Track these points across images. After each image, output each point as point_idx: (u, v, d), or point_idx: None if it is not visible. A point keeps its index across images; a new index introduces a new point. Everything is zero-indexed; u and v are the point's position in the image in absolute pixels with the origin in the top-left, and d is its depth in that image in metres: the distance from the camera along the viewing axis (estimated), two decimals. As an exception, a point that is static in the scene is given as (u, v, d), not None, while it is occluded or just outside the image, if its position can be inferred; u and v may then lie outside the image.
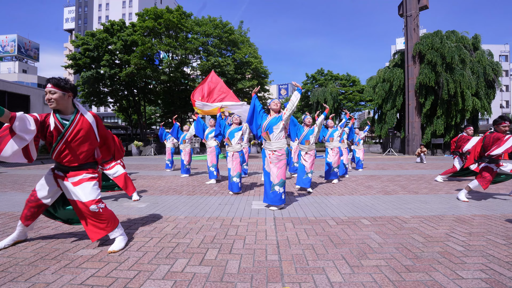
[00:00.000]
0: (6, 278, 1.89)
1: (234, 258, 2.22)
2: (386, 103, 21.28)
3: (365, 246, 2.47)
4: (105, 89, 25.89)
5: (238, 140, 5.26)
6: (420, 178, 7.07)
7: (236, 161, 5.10)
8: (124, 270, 2.02)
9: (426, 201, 4.29)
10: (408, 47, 19.03)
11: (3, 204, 4.22)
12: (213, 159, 6.32)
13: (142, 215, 3.52)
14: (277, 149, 3.80)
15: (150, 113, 38.72)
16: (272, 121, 3.83)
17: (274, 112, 3.90)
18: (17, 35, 56.82)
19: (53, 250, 2.38)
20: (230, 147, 5.22)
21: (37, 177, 7.35)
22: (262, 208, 3.90)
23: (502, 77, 38.81)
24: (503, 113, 48.83)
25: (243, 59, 23.46)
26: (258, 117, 3.96)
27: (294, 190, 5.38)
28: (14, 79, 46.09)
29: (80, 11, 67.58)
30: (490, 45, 37.12)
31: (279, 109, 3.92)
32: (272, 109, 3.91)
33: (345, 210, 3.77)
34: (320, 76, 36.57)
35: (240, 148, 5.28)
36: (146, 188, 5.62)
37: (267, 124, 3.85)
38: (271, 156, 3.80)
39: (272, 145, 3.81)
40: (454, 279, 1.86)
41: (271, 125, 3.83)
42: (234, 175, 5.02)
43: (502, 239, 2.61)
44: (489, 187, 5.34)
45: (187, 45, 22.51)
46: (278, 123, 3.82)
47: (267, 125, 3.85)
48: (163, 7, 24.34)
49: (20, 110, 11.69)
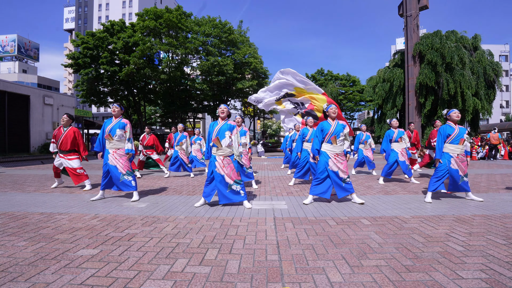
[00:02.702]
0: (6, 278, 1.89)
1: (234, 258, 2.22)
2: (386, 103, 21.27)
3: (365, 246, 2.47)
4: (105, 89, 25.89)
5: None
6: (420, 178, 7.07)
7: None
8: (124, 270, 2.02)
9: (426, 201, 4.28)
10: (408, 47, 19.03)
11: (3, 204, 4.23)
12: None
13: (142, 215, 3.52)
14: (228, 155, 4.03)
15: (150, 113, 38.73)
16: (223, 128, 4.02)
17: (222, 120, 4.11)
18: (17, 35, 56.80)
19: (53, 250, 2.38)
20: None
21: (37, 177, 7.35)
22: (262, 208, 3.90)
23: (502, 77, 38.80)
24: (503, 113, 48.85)
25: (242, 59, 23.47)
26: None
27: (293, 191, 5.39)
28: (14, 79, 46.05)
29: (80, 11, 67.59)
30: (490, 45, 37.12)
31: (225, 116, 4.13)
32: (220, 117, 4.13)
33: (345, 210, 3.77)
34: (320, 76, 36.57)
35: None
36: (146, 188, 5.62)
37: (218, 131, 4.01)
38: (223, 161, 4.00)
39: (225, 151, 4.00)
40: (454, 279, 1.86)
41: (222, 131, 4.01)
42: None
43: (502, 239, 2.61)
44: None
45: (187, 44, 22.52)
46: (228, 131, 4.02)
47: (218, 132, 4.01)
48: (163, 7, 24.32)
49: (20, 110, 11.72)
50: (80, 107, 48.11)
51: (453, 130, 4.33)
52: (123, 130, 4.55)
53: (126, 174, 4.46)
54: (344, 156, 4.29)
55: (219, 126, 4.03)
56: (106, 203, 4.22)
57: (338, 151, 4.24)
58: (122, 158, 4.51)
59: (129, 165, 4.58)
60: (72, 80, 68.06)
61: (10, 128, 14.37)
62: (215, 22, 24.00)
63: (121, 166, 4.46)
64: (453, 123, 4.42)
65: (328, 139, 4.23)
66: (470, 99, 17.50)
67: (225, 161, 3.98)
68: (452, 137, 4.33)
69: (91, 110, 51.10)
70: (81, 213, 3.63)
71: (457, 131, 4.32)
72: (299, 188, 5.69)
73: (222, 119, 4.11)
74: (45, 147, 15.56)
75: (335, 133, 4.20)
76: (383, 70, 22.57)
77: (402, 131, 6.31)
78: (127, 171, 4.49)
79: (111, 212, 3.67)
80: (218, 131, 4.00)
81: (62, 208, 3.91)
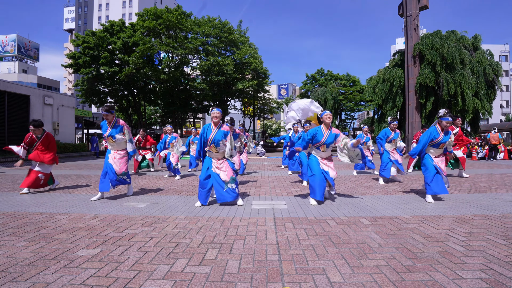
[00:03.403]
0: (6, 278, 1.89)
1: (234, 258, 2.22)
2: (386, 103, 21.26)
3: (365, 246, 2.47)
4: (105, 89, 25.88)
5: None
6: (420, 178, 7.07)
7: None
8: (124, 270, 2.02)
9: (425, 201, 4.28)
10: (408, 47, 19.02)
11: (3, 204, 4.23)
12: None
13: (142, 215, 3.52)
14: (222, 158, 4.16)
15: (150, 113, 38.73)
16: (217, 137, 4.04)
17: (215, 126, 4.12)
18: (17, 35, 56.81)
19: (53, 250, 2.38)
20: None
21: (37, 177, 7.34)
22: (262, 208, 3.90)
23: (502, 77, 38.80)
24: (503, 113, 48.83)
25: (242, 60, 23.46)
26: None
27: (293, 191, 5.39)
28: (14, 79, 46.03)
29: (80, 11, 67.60)
30: (490, 45, 37.09)
31: (218, 121, 4.13)
32: (213, 122, 4.12)
33: (345, 210, 3.77)
34: (320, 76, 36.57)
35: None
36: (146, 188, 5.63)
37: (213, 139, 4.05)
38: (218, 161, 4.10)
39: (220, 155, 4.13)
40: (454, 279, 1.86)
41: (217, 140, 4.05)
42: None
43: (502, 239, 2.61)
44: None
45: (186, 45, 22.51)
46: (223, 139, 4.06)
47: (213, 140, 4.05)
48: (163, 7, 24.32)
49: (20, 110, 11.67)
50: (80, 107, 48.08)
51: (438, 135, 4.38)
52: (121, 133, 4.65)
53: (121, 175, 4.59)
54: (331, 159, 4.43)
55: (213, 134, 4.05)
56: (106, 203, 4.23)
57: (325, 156, 4.38)
58: (121, 159, 4.64)
59: (126, 167, 4.69)
60: (72, 80, 68.07)
61: (10, 128, 14.37)
62: (215, 22, 24.01)
63: (117, 166, 4.57)
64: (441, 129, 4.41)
65: (318, 147, 4.32)
66: (470, 99, 17.49)
67: (220, 162, 4.10)
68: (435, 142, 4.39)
69: (91, 110, 51.11)
70: (81, 213, 3.63)
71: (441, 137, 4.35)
72: (299, 188, 5.69)
73: (215, 124, 4.10)
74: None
75: (326, 143, 4.28)
76: (383, 70, 22.56)
77: (398, 133, 6.45)
78: (123, 172, 4.61)
79: (111, 212, 3.67)
80: (213, 140, 4.04)
81: (62, 208, 3.91)
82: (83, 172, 8.72)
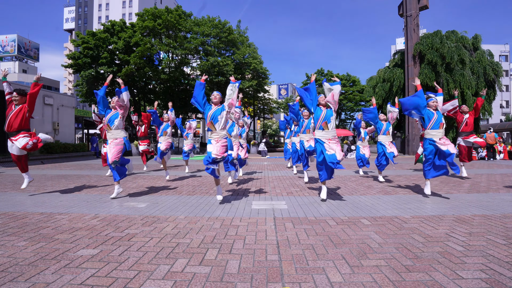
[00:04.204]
0: (6, 278, 1.89)
1: (234, 258, 2.22)
2: (386, 103, 21.26)
3: (365, 246, 2.47)
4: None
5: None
6: (420, 178, 7.07)
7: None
8: (124, 270, 2.02)
9: (426, 201, 4.28)
10: (408, 47, 19.02)
11: (3, 204, 4.23)
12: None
13: (142, 215, 3.52)
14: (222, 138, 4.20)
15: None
16: (216, 112, 4.10)
17: (215, 105, 4.19)
18: (17, 35, 56.83)
19: (53, 250, 2.38)
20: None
21: (37, 177, 7.35)
22: (262, 208, 3.90)
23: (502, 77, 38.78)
24: (503, 113, 48.85)
25: (242, 60, 23.46)
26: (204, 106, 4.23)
27: (293, 191, 5.39)
28: (14, 79, 46.03)
29: (80, 11, 67.62)
30: (490, 45, 37.10)
31: (218, 102, 4.19)
32: (213, 102, 4.18)
33: (345, 210, 3.77)
34: (320, 76, 36.58)
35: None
36: (146, 188, 5.63)
37: (212, 115, 4.11)
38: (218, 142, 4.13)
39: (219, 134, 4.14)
40: (454, 279, 1.86)
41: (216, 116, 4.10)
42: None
43: (502, 239, 2.61)
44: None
45: (186, 45, 22.51)
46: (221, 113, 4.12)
47: (212, 116, 4.11)
48: (163, 7, 24.32)
49: (20, 110, 11.15)
50: (80, 107, 48.08)
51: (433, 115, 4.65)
52: (119, 120, 4.80)
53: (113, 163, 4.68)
54: (337, 139, 4.35)
55: (213, 111, 4.12)
56: (106, 203, 4.23)
57: (331, 136, 4.30)
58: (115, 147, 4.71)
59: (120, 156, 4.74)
60: (72, 80, 68.04)
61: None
62: (215, 22, 23.99)
63: (110, 154, 4.64)
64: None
65: (320, 126, 4.32)
66: (470, 99, 17.49)
67: (219, 143, 4.11)
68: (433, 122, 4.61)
69: (91, 110, 51.12)
70: (81, 213, 3.63)
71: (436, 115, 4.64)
72: (299, 188, 5.70)
73: (215, 104, 4.19)
74: (45, 147, 15.56)
75: (326, 119, 4.28)
76: (383, 70, 22.56)
77: (389, 123, 6.53)
78: (115, 160, 4.66)
79: (111, 212, 3.67)
80: (212, 116, 4.10)
81: (62, 208, 3.91)
82: (83, 172, 8.72)
